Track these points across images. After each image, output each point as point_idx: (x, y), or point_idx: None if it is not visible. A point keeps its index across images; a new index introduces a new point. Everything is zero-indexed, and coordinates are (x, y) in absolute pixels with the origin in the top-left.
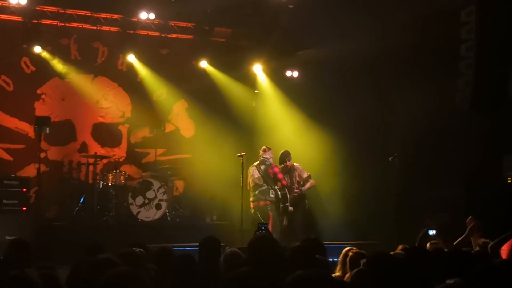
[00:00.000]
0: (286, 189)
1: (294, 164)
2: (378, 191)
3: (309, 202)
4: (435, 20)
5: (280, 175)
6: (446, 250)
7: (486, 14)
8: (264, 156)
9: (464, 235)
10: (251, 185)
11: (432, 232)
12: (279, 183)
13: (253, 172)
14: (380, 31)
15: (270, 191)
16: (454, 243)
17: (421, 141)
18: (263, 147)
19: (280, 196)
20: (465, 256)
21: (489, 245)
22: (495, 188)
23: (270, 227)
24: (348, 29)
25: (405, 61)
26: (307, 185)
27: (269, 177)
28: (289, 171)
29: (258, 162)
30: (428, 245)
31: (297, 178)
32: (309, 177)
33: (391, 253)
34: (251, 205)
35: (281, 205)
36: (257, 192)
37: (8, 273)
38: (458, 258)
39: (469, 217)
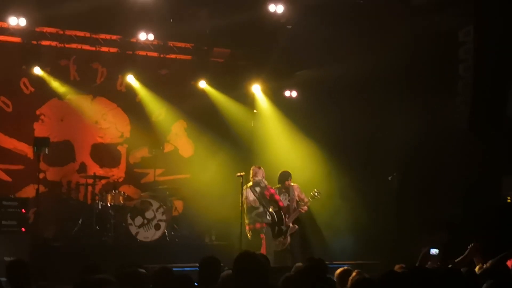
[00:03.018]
0: (282, 212)
1: (293, 184)
2: (376, 211)
3: (308, 222)
4: (433, 40)
5: (277, 196)
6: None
7: (484, 34)
8: (256, 178)
9: (464, 255)
10: (246, 207)
11: (434, 251)
12: (275, 205)
13: (248, 194)
14: (379, 51)
15: (266, 213)
16: (456, 261)
17: (420, 160)
18: (252, 167)
19: (276, 219)
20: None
21: (489, 262)
22: (493, 207)
23: (263, 249)
24: (346, 49)
25: (403, 81)
26: (308, 203)
27: (265, 199)
28: (289, 190)
29: (251, 183)
30: (429, 264)
31: (297, 198)
32: (311, 195)
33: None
34: (247, 227)
35: (276, 228)
36: (253, 214)
37: None
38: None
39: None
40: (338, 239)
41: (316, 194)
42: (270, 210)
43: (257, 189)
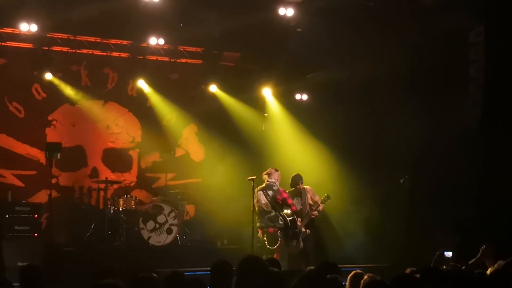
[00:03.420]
0: (295, 215)
1: (306, 187)
2: (388, 213)
3: (319, 225)
4: (444, 41)
5: (290, 201)
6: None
7: (495, 34)
8: (270, 180)
9: (477, 257)
10: (258, 210)
11: (448, 254)
12: (288, 209)
13: (260, 197)
14: (389, 53)
15: (279, 217)
16: (469, 263)
17: (431, 162)
18: (268, 169)
19: (289, 223)
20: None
21: (500, 264)
22: (505, 208)
23: (278, 255)
24: (357, 51)
25: (414, 82)
26: (321, 207)
27: (277, 203)
28: (301, 194)
29: (264, 186)
30: (445, 267)
31: (310, 201)
32: (328, 196)
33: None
34: (260, 231)
35: (290, 232)
36: (265, 218)
37: None
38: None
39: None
40: (351, 242)
41: (326, 198)
42: (283, 214)
43: (270, 192)
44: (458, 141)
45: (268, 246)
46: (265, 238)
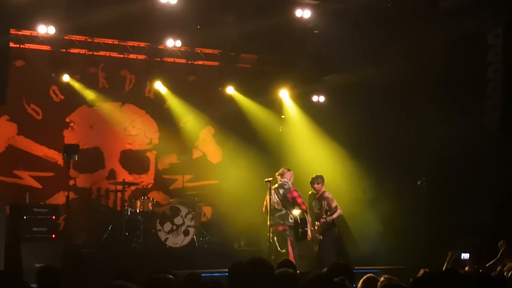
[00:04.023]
0: (305, 214)
1: (325, 191)
2: (407, 216)
3: (338, 228)
4: (462, 43)
5: (300, 200)
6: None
7: None
8: (282, 179)
9: (496, 258)
10: (270, 209)
11: (465, 256)
12: (298, 207)
13: (272, 196)
14: (407, 55)
15: (289, 216)
16: (486, 265)
17: (450, 164)
18: (281, 169)
19: (299, 221)
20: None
21: None
22: None
23: (290, 253)
24: (374, 53)
25: (432, 84)
26: (335, 215)
27: (288, 202)
28: (319, 198)
29: (277, 185)
30: (466, 269)
31: (326, 207)
32: (336, 207)
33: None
34: (270, 229)
35: (300, 230)
36: (276, 216)
37: None
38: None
39: (501, 241)
40: (367, 243)
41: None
42: (293, 212)
43: (281, 191)
44: (477, 142)
45: (279, 249)
46: (275, 239)
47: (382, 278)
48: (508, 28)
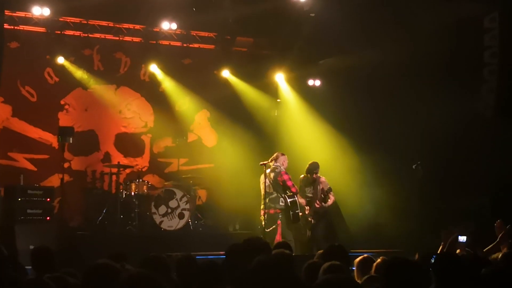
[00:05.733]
0: (295, 196)
1: (320, 176)
2: (402, 200)
3: (332, 211)
4: (458, 27)
5: (290, 182)
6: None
7: (510, 20)
8: (275, 163)
9: (495, 243)
10: (262, 192)
11: (462, 239)
12: (289, 190)
13: (265, 179)
14: (403, 39)
15: (280, 199)
16: (484, 250)
17: (445, 149)
18: (274, 154)
19: (289, 204)
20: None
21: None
22: None
23: (278, 236)
24: (370, 37)
25: (428, 68)
26: (329, 202)
27: (278, 185)
28: (314, 183)
29: (269, 169)
30: (458, 251)
31: (322, 194)
32: (329, 189)
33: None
34: (261, 212)
35: (291, 212)
36: (267, 200)
37: (26, 278)
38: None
39: (498, 221)
40: (362, 228)
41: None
42: (284, 195)
43: (272, 174)
44: (472, 127)
45: (265, 229)
46: (267, 221)
47: (379, 260)
48: (504, 11)
